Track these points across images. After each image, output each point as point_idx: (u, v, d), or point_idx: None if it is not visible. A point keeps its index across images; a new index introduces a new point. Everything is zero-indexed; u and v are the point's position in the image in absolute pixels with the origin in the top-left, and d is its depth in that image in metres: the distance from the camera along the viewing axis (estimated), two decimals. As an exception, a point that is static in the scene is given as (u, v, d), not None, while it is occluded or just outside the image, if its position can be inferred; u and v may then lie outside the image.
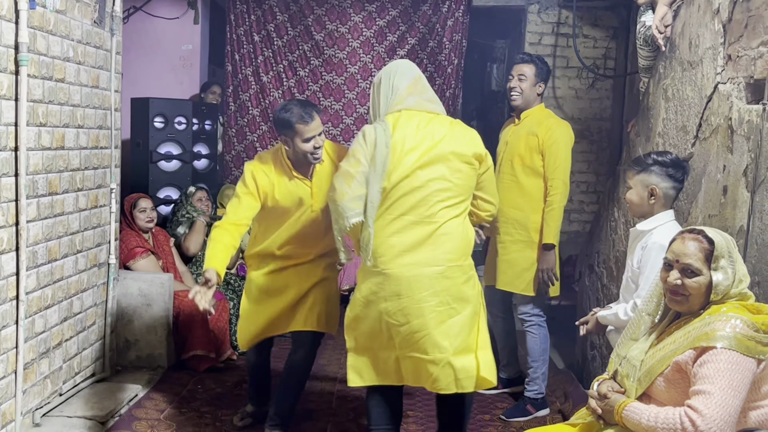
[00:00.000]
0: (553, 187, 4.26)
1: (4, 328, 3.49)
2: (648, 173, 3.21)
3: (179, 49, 7.38)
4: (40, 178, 3.78)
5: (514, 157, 4.40)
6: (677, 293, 2.50)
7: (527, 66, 4.40)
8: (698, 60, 3.55)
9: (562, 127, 4.36)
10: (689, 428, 2.23)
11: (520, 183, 4.36)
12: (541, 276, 4.35)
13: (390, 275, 3.20)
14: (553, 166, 4.26)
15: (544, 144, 4.27)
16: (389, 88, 3.39)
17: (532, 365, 4.51)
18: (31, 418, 3.81)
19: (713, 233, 2.47)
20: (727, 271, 2.43)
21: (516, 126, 4.49)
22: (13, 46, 3.45)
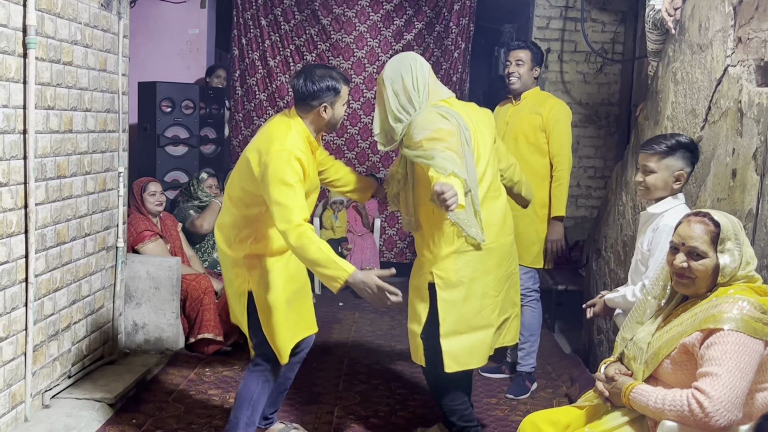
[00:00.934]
0: (560, 162, 4.51)
1: (14, 310, 3.51)
2: (675, 157, 3.15)
3: (186, 34, 7.37)
4: (49, 161, 3.78)
5: (518, 136, 4.59)
6: (683, 276, 2.50)
7: (523, 52, 4.64)
8: (708, 43, 3.53)
9: (563, 106, 4.64)
10: (696, 410, 2.24)
11: (525, 160, 4.51)
12: (550, 246, 4.56)
13: (493, 249, 3.47)
14: (558, 143, 4.51)
15: (548, 123, 4.52)
16: (418, 79, 3.41)
17: (529, 339, 4.62)
18: (41, 399, 3.83)
19: (719, 216, 2.47)
20: (734, 253, 2.43)
21: (515, 106, 4.70)
22: (21, 29, 3.45)
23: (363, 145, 7.43)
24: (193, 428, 3.89)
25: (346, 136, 7.39)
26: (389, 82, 3.42)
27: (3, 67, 3.31)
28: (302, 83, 3.30)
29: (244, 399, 3.43)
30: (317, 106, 3.30)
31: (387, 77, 3.43)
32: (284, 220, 3.09)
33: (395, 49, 7.22)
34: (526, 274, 4.57)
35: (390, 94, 3.40)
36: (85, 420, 3.78)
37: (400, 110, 3.38)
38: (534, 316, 4.63)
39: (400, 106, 3.39)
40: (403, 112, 3.38)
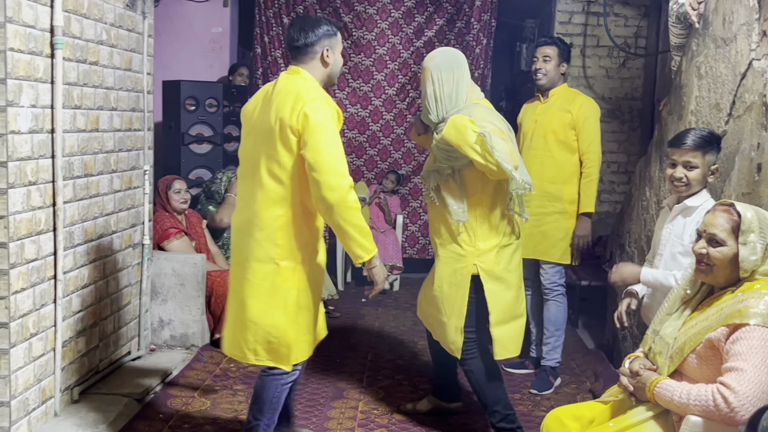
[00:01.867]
0: (590, 159, 4.54)
1: (44, 307, 3.57)
2: (712, 153, 3.16)
3: (209, 32, 7.42)
4: (76, 159, 3.84)
5: (547, 133, 4.62)
6: (701, 262, 2.53)
7: (550, 48, 4.66)
8: (732, 36, 3.51)
9: (592, 103, 4.65)
10: (722, 405, 2.24)
11: (554, 158, 4.59)
12: (577, 242, 4.58)
13: (520, 245, 3.77)
14: (588, 140, 4.53)
15: (578, 120, 4.54)
16: (463, 78, 3.59)
17: (555, 334, 4.66)
18: (70, 394, 3.89)
19: (744, 208, 2.47)
20: (756, 246, 2.42)
21: (544, 103, 4.71)
22: (48, 30, 3.50)
23: (385, 141, 7.44)
24: (219, 423, 3.93)
25: (368, 133, 7.41)
26: (442, 73, 3.54)
27: (31, 68, 3.37)
28: (299, 32, 3.14)
29: (264, 402, 3.25)
30: (320, 52, 3.16)
31: (438, 71, 3.54)
32: (337, 173, 2.92)
33: (416, 45, 7.23)
34: (552, 268, 4.62)
35: (437, 83, 3.54)
36: (114, 415, 3.84)
37: (442, 101, 3.53)
38: (560, 310, 4.65)
39: (445, 96, 3.53)
40: (443, 103, 3.53)
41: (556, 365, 4.67)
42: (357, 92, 7.31)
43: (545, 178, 4.59)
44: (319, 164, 2.92)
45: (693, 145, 3.14)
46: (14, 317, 3.32)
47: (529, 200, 4.63)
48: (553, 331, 4.65)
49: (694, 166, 3.15)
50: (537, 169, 4.56)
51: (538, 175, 4.55)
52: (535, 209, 4.61)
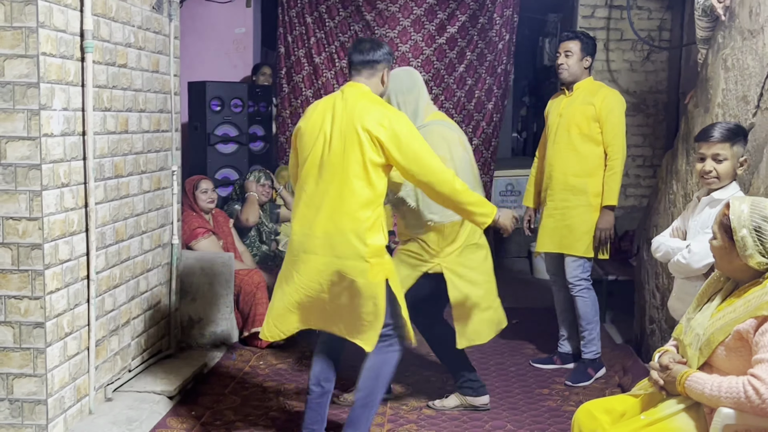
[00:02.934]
0: (614, 152, 4.53)
1: (77, 306, 3.63)
2: (740, 145, 3.18)
3: (232, 33, 7.48)
4: (106, 161, 3.90)
5: (571, 127, 4.61)
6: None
7: (573, 42, 4.66)
8: (759, 28, 3.49)
9: (616, 95, 4.63)
10: (753, 397, 2.24)
11: (579, 151, 4.59)
12: (599, 235, 4.56)
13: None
14: (612, 133, 4.52)
15: (601, 113, 4.52)
16: (422, 96, 3.95)
17: (587, 328, 4.65)
18: (104, 392, 3.95)
19: (737, 204, 2.48)
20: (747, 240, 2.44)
21: (568, 97, 4.71)
22: (78, 34, 3.56)
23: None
24: (250, 419, 3.98)
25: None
26: (406, 87, 3.88)
27: (63, 71, 3.43)
28: (369, 47, 3.43)
29: (384, 377, 3.52)
30: (381, 71, 3.45)
31: (404, 83, 3.88)
32: (439, 170, 3.33)
33: (438, 42, 7.23)
34: (575, 262, 4.61)
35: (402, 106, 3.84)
36: (147, 412, 3.89)
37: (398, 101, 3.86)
38: (587, 304, 4.64)
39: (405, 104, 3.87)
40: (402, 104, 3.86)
41: (595, 357, 4.67)
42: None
43: (569, 171, 4.60)
44: (422, 169, 3.30)
45: (721, 137, 3.14)
46: (50, 317, 3.38)
47: (553, 194, 4.67)
48: (585, 325, 4.65)
49: (723, 158, 3.16)
50: (561, 163, 4.63)
51: (563, 169, 4.63)
52: (560, 203, 4.65)
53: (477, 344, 4.13)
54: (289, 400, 4.25)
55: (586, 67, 4.66)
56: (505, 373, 4.78)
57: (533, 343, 5.37)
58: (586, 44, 4.63)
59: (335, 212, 3.29)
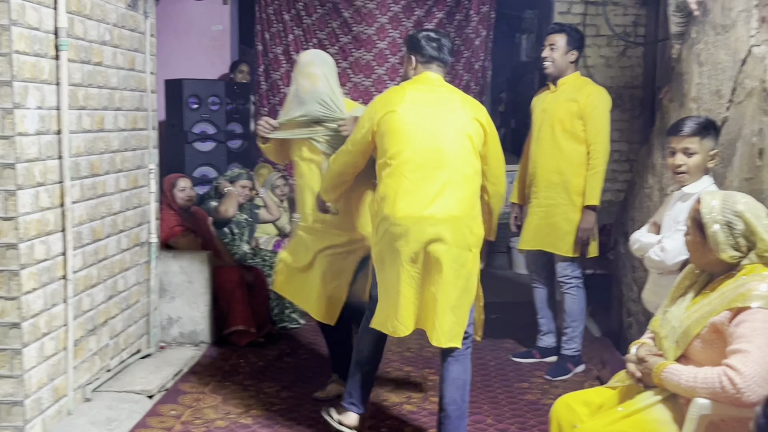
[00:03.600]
0: (596, 150, 4.46)
1: (54, 307, 3.61)
2: (710, 138, 3.21)
3: (209, 30, 7.43)
4: (83, 160, 3.87)
5: (555, 123, 4.57)
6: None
7: (558, 35, 4.57)
8: (732, 23, 3.53)
9: (601, 92, 4.55)
10: (728, 387, 2.27)
11: (561, 148, 4.54)
12: (581, 236, 4.53)
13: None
14: (595, 131, 4.46)
15: (585, 110, 4.46)
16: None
17: (571, 325, 4.68)
18: (82, 393, 3.93)
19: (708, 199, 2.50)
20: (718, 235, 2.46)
21: (553, 93, 4.65)
22: (53, 32, 3.53)
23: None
24: (231, 417, 3.97)
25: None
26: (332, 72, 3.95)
27: (37, 70, 3.40)
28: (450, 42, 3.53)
29: (469, 382, 3.52)
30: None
31: (328, 67, 3.94)
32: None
33: (417, 38, 7.24)
34: (564, 261, 4.63)
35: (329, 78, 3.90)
36: (126, 412, 3.88)
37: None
38: (575, 302, 4.66)
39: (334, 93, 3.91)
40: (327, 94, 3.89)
41: (574, 354, 4.70)
42: (359, 87, 7.33)
43: (553, 168, 4.57)
44: (501, 165, 3.51)
45: (690, 131, 3.19)
46: (26, 317, 3.36)
47: (537, 192, 4.66)
48: (569, 322, 4.68)
49: (693, 152, 3.21)
50: (545, 160, 4.60)
51: (546, 166, 4.60)
52: (544, 200, 4.62)
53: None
54: (270, 398, 4.24)
55: (571, 61, 4.57)
56: (485, 368, 4.81)
57: (513, 338, 5.40)
58: (572, 37, 4.54)
59: (453, 198, 3.28)
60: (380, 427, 3.90)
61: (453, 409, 3.43)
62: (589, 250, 4.60)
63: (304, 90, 3.85)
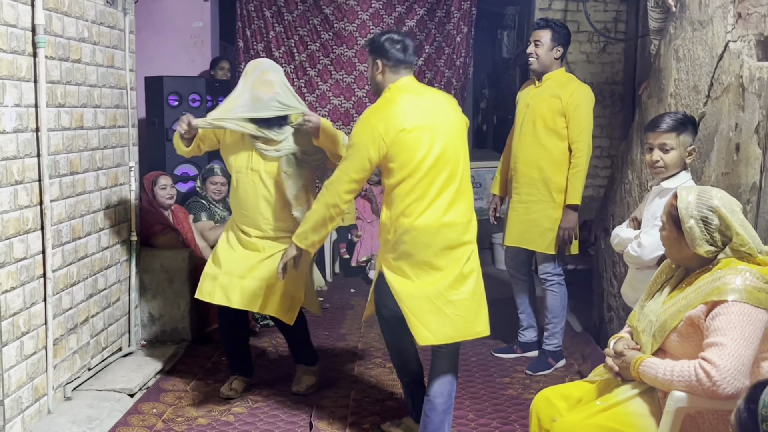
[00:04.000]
0: (579, 149, 4.44)
1: (34, 305, 3.59)
2: (687, 134, 3.22)
3: (190, 27, 7.40)
4: (62, 158, 3.85)
5: (537, 119, 4.55)
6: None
7: (543, 31, 4.55)
8: (708, 19, 3.56)
9: (585, 90, 4.52)
10: (704, 379, 2.29)
11: (543, 144, 4.53)
12: (562, 234, 4.52)
13: None
14: (577, 129, 4.43)
15: (568, 107, 4.43)
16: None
17: (552, 321, 4.70)
18: (63, 391, 3.91)
19: (684, 195, 2.52)
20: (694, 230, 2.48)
21: (537, 88, 4.63)
22: (30, 29, 3.50)
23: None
24: (213, 415, 3.97)
25: (353, 124, 7.41)
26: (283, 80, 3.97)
27: (14, 67, 3.37)
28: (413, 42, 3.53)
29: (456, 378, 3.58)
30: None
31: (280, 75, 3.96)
32: None
33: (398, 35, 7.24)
34: (546, 259, 4.64)
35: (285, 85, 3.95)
36: (107, 410, 3.86)
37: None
38: (556, 299, 4.68)
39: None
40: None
41: (555, 349, 4.72)
42: (340, 84, 7.33)
43: (534, 165, 4.56)
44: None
45: (667, 127, 3.22)
46: (5, 316, 3.34)
47: (518, 188, 4.65)
48: (550, 318, 4.71)
49: (670, 148, 3.23)
50: (526, 156, 4.59)
51: (527, 162, 4.59)
52: (524, 197, 4.62)
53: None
54: (252, 396, 4.24)
55: (556, 57, 4.55)
56: (467, 363, 4.82)
57: (495, 334, 5.37)
58: (557, 33, 4.52)
59: (463, 201, 3.39)
60: (362, 423, 3.91)
61: (440, 402, 3.45)
62: (570, 248, 4.61)
63: (260, 92, 3.84)
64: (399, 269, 3.34)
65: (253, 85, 3.85)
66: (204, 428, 3.82)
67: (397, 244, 3.32)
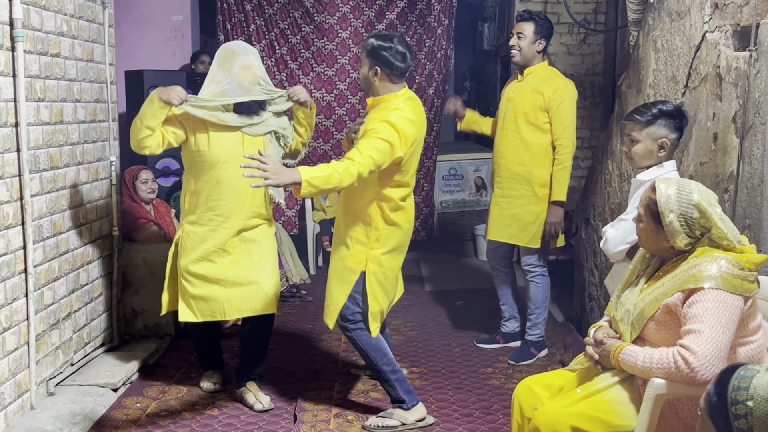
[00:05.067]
0: (563, 146, 4.46)
1: (15, 301, 3.57)
2: (657, 126, 3.21)
3: (170, 21, 7.36)
4: (42, 152, 3.83)
5: (518, 114, 4.55)
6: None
7: (526, 24, 4.53)
8: (686, 10, 3.59)
9: (568, 86, 4.52)
10: (682, 366, 2.32)
11: (524, 139, 4.53)
12: (548, 229, 4.56)
13: None
14: (561, 126, 4.45)
15: (551, 104, 4.43)
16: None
17: (535, 311, 4.74)
18: (45, 387, 3.90)
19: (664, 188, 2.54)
20: (675, 224, 2.50)
21: (519, 82, 4.63)
22: (8, 23, 3.48)
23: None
24: (197, 409, 3.97)
25: (334, 117, 7.42)
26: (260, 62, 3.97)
27: (-8, 62, 3.35)
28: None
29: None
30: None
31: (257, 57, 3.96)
32: None
33: (378, 28, 7.24)
34: (529, 252, 4.68)
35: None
36: (90, 405, 3.86)
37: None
38: (538, 290, 4.72)
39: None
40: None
41: (538, 340, 4.76)
42: (321, 77, 7.32)
43: (515, 160, 4.57)
44: None
45: (632, 119, 3.27)
46: (-14, 312, 3.33)
47: (500, 182, 4.68)
48: (533, 308, 4.74)
49: (636, 140, 3.26)
50: (508, 151, 4.60)
51: (509, 156, 4.60)
52: (507, 191, 4.63)
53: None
54: (236, 389, 4.24)
55: (539, 50, 4.54)
56: (450, 354, 4.85)
57: (478, 324, 5.45)
58: (540, 26, 4.51)
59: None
60: (346, 415, 3.93)
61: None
62: (556, 242, 4.66)
63: (245, 80, 3.82)
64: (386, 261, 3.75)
65: (237, 70, 3.81)
66: (188, 422, 3.82)
67: (387, 239, 3.72)
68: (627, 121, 3.31)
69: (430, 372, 4.53)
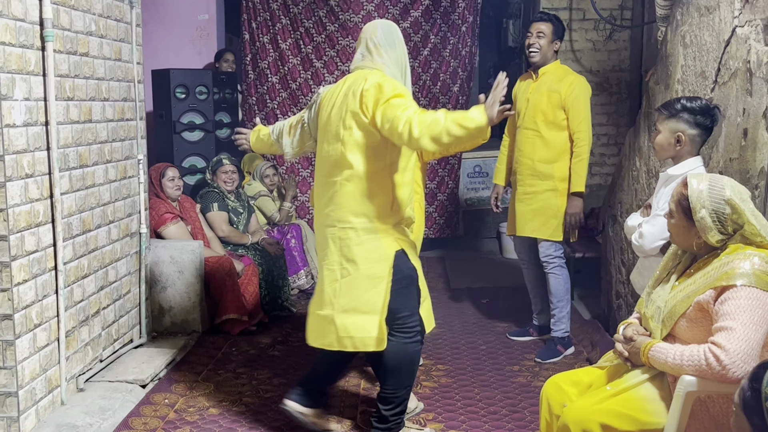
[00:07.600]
0: (580, 139, 4.57)
1: (45, 298, 3.61)
2: (677, 120, 3.20)
3: (195, 20, 7.42)
4: (71, 151, 3.87)
5: (537, 114, 4.67)
6: None
7: (545, 24, 4.66)
8: (715, 4, 3.55)
9: (582, 82, 4.65)
10: (714, 363, 2.30)
11: (545, 137, 4.66)
12: (569, 220, 4.63)
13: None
14: (578, 120, 4.56)
15: (567, 100, 4.57)
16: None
17: (558, 305, 4.75)
18: (75, 383, 3.94)
19: (695, 184, 2.52)
20: (707, 220, 2.48)
21: (535, 82, 4.75)
22: (38, 23, 3.52)
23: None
24: (224, 405, 3.99)
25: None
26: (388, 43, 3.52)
27: (23, 61, 3.39)
28: None
29: None
30: None
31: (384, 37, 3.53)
32: None
33: (402, 26, 7.23)
34: (546, 242, 4.72)
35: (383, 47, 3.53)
36: (119, 401, 3.89)
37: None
38: (559, 282, 4.73)
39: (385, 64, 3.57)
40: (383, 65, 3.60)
41: (564, 335, 4.76)
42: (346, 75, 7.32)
43: (536, 157, 4.68)
44: None
45: (660, 110, 3.30)
46: (18, 308, 3.37)
47: (522, 180, 4.75)
48: (555, 302, 4.75)
49: (658, 130, 3.29)
50: (529, 149, 4.71)
51: (530, 154, 4.71)
52: (528, 188, 4.73)
53: None
54: (263, 386, 4.27)
55: (555, 50, 4.70)
56: (476, 352, 4.84)
57: (503, 321, 5.44)
58: (557, 27, 4.66)
59: None
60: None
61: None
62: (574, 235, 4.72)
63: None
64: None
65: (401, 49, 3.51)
66: (216, 418, 3.85)
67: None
68: (656, 111, 3.33)
69: (456, 369, 4.52)
